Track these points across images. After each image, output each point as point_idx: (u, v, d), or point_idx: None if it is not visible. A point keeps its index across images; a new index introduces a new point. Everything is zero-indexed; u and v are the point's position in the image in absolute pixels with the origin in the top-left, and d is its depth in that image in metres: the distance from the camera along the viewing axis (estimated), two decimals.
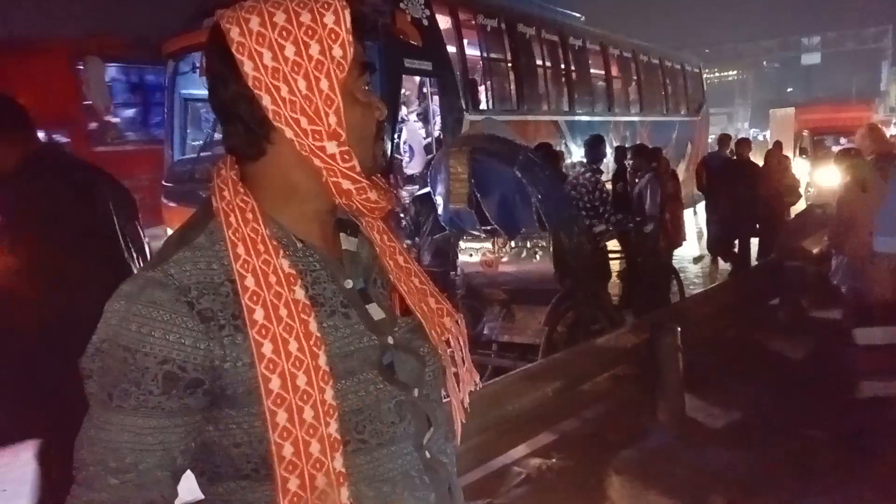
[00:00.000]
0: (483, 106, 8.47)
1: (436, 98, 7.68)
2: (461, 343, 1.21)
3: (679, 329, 4.48)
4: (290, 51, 0.96)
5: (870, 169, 5.52)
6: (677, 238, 7.76)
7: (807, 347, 5.95)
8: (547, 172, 5.15)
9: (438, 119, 7.71)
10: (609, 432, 4.32)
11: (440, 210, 5.17)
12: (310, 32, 0.96)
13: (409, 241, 5.62)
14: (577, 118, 10.42)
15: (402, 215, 5.78)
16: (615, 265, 6.70)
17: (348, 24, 0.98)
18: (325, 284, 1.04)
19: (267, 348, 0.94)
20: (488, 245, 5.17)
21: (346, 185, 1.01)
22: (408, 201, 6.11)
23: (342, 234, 1.12)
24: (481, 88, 8.63)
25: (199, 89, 7.35)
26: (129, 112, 9.79)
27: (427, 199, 5.53)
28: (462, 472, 3.12)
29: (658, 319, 4.83)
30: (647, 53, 13.26)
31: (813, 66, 59.61)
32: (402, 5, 6.91)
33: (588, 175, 6.32)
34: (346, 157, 1.00)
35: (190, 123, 8.05)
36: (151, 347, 0.91)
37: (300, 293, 0.98)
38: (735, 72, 72.13)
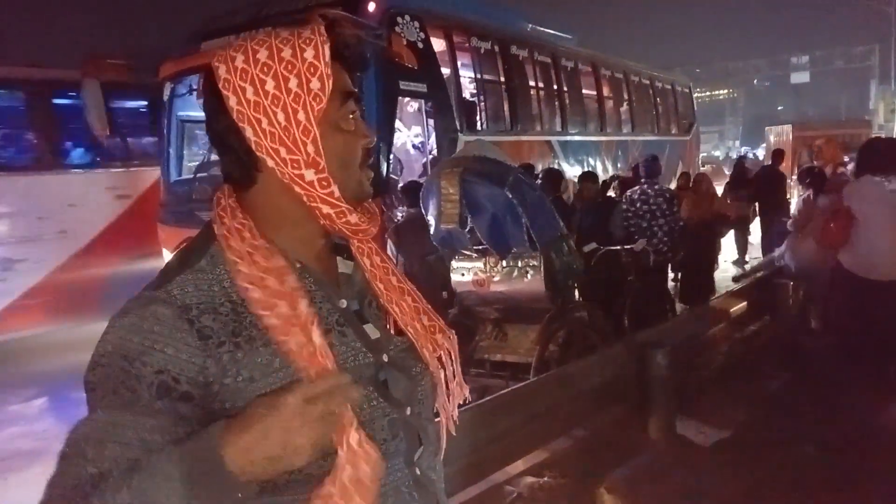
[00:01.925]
0: (478, 127, 8.52)
1: (431, 119, 7.77)
2: (453, 358, 1.25)
3: (669, 347, 4.53)
4: (270, 85, 1.02)
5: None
6: None
7: (796, 364, 6.00)
8: (537, 192, 5.21)
9: (434, 140, 7.78)
10: (601, 450, 4.34)
11: (432, 230, 5.22)
12: (289, 67, 1.03)
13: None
14: (569, 138, 10.49)
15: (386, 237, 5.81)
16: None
17: (327, 58, 1.04)
18: (321, 304, 1.09)
19: (290, 344, 0.98)
20: (480, 264, 5.21)
21: (326, 209, 1.07)
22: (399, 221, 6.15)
23: (339, 259, 1.18)
24: (476, 109, 8.69)
25: (195, 111, 7.38)
26: None
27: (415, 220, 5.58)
28: (455, 490, 3.17)
29: (649, 338, 4.87)
30: (637, 74, 13.34)
31: (802, 85, 60.01)
32: (397, 29, 7.00)
33: (657, 188, 7.13)
34: (325, 183, 1.06)
35: (186, 145, 8.06)
36: (150, 358, 0.95)
37: (303, 304, 1.01)
38: (726, 90, 72.66)
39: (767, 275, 7.06)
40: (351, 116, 1.11)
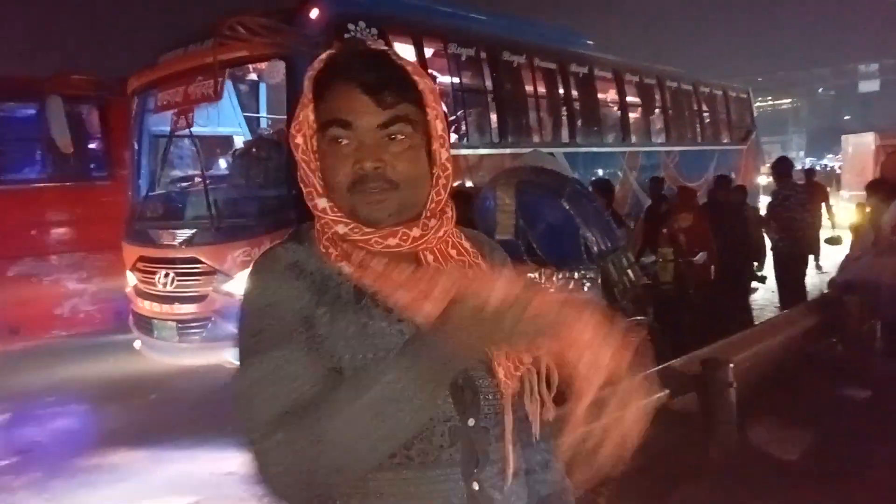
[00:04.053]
0: (455, 140, 7.77)
1: None
2: (535, 378, 1.23)
3: (731, 364, 4.38)
4: (297, 133, 1.18)
5: None
6: None
7: (866, 385, 5.75)
8: (595, 204, 5.13)
9: None
10: (660, 470, 4.21)
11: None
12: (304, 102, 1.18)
13: None
14: (580, 149, 9.78)
15: None
16: None
17: (307, 87, 1.16)
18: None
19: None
20: (535, 276, 5.14)
21: (342, 228, 1.15)
22: None
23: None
24: (454, 121, 8.03)
25: (165, 125, 6.80)
26: None
27: None
28: None
29: (710, 354, 4.72)
30: (676, 79, 12.48)
31: (869, 94, 58.17)
32: (346, 36, 6.39)
33: (801, 183, 8.50)
34: (336, 208, 1.16)
35: (156, 160, 7.37)
36: (284, 301, 1.11)
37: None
38: (789, 100, 71.05)
39: (837, 290, 6.78)
40: (340, 141, 1.14)
